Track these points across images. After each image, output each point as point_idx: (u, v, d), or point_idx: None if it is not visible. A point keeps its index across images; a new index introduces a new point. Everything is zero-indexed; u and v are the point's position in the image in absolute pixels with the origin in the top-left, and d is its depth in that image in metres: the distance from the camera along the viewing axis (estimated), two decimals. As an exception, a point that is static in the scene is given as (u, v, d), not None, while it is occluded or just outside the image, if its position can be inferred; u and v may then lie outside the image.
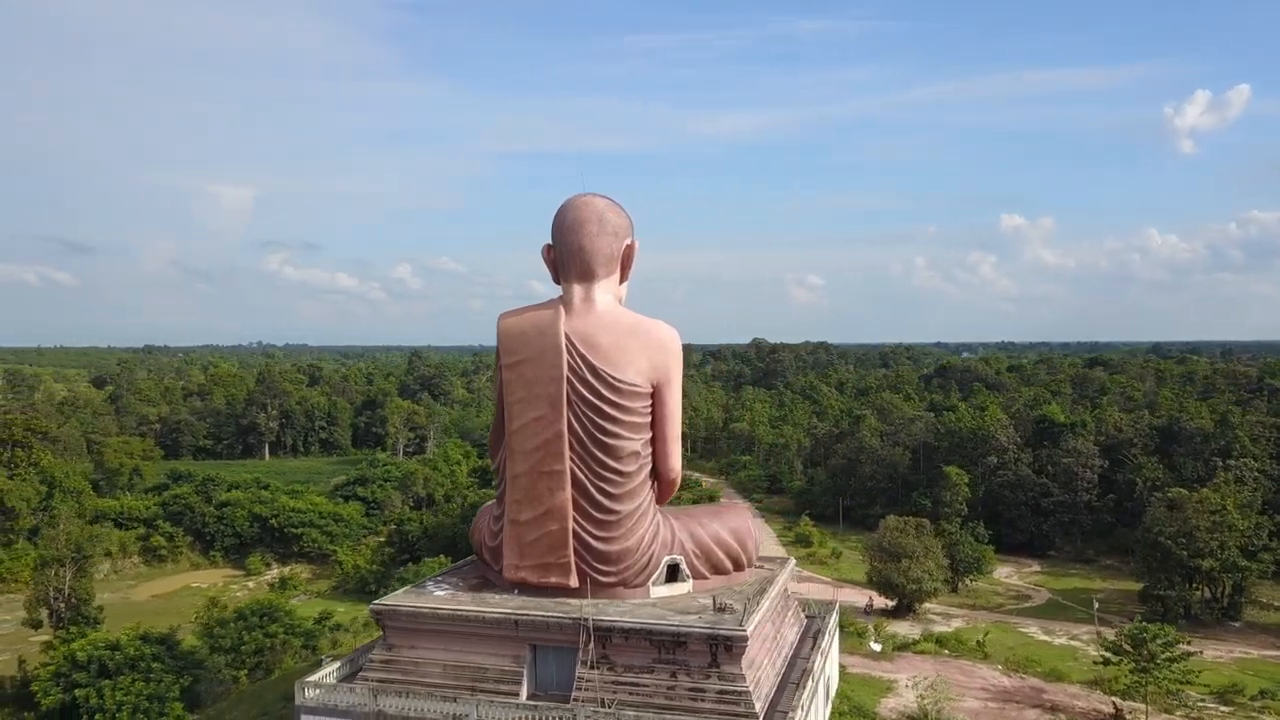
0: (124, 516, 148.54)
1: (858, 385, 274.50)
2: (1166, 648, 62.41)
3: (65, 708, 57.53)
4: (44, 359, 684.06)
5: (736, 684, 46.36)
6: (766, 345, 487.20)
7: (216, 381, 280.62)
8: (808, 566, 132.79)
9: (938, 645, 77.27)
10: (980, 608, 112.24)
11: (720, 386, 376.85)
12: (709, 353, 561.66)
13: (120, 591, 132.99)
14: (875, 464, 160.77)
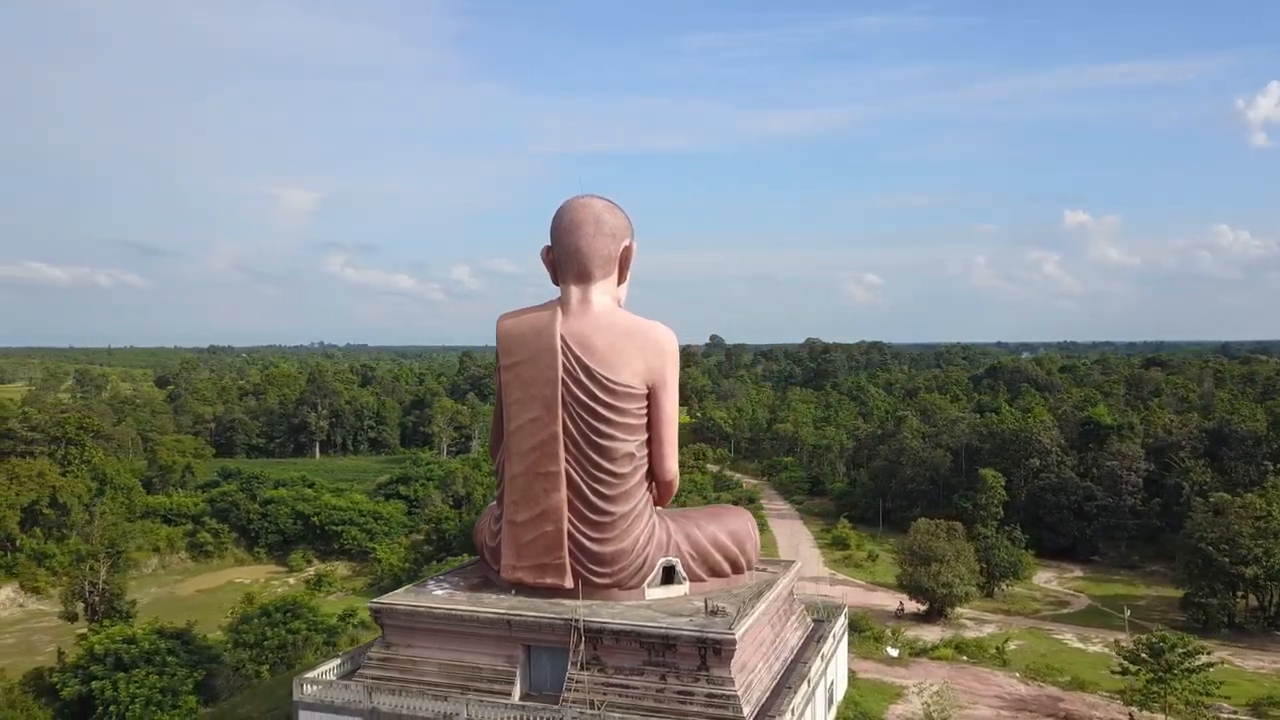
0: (173, 513, 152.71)
1: (906, 386, 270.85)
2: (1186, 657, 60.56)
3: (82, 699, 59.41)
4: (114, 359, 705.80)
5: (725, 687, 46.11)
6: (819, 345, 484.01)
7: (271, 381, 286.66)
8: (842, 569, 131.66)
9: (956, 651, 75.93)
10: (1015, 613, 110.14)
11: (770, 387, 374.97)
12: (760, 353, 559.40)
13: (167, 586, 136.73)
14: (916, 466, 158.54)
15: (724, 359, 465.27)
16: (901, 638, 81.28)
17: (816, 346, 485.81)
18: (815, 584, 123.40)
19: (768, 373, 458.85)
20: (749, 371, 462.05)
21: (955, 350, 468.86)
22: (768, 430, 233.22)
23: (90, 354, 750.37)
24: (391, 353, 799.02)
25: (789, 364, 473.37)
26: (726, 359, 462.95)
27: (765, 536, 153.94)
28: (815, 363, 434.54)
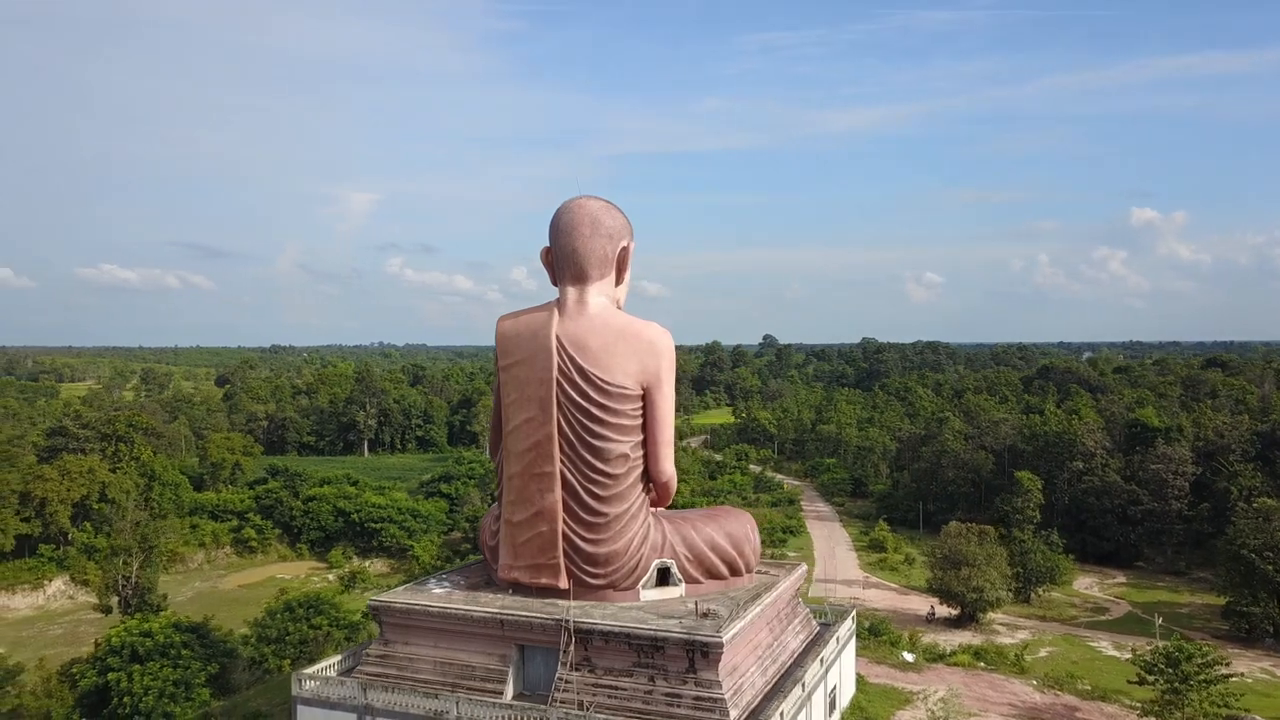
0: (219, 509, 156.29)
1: (956, 387, 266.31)
2: (1204, 668, 58.63)
3: (99, 689, 61.13)
4: (179, 358, 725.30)
5: (713, 690, 45.81)
6: (874, 345, 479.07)
7: (323, 381, 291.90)
8: (877, 573, 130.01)
9: (974, 658, 74.42)
10: (1051, 619, 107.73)
11: (822, 387, 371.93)
12: (812, 353, 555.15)
13: (210, 580, 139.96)
14: (957, 468, 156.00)
15: (774, 359, 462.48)
16: (919, 643, 79.95)
17: (870, 347, 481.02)
18: (848, 587, 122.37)
19: (819, 373, 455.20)
20: (800, 372, 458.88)
21: (1012, 350, 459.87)
22: (812, 431, 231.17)
23: (157, 353, 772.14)
24: (449, 352, 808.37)
25: (841, 364, 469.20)
26: (777, 359, 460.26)
27: (801, 538, 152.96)
28: (868, 363, 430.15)
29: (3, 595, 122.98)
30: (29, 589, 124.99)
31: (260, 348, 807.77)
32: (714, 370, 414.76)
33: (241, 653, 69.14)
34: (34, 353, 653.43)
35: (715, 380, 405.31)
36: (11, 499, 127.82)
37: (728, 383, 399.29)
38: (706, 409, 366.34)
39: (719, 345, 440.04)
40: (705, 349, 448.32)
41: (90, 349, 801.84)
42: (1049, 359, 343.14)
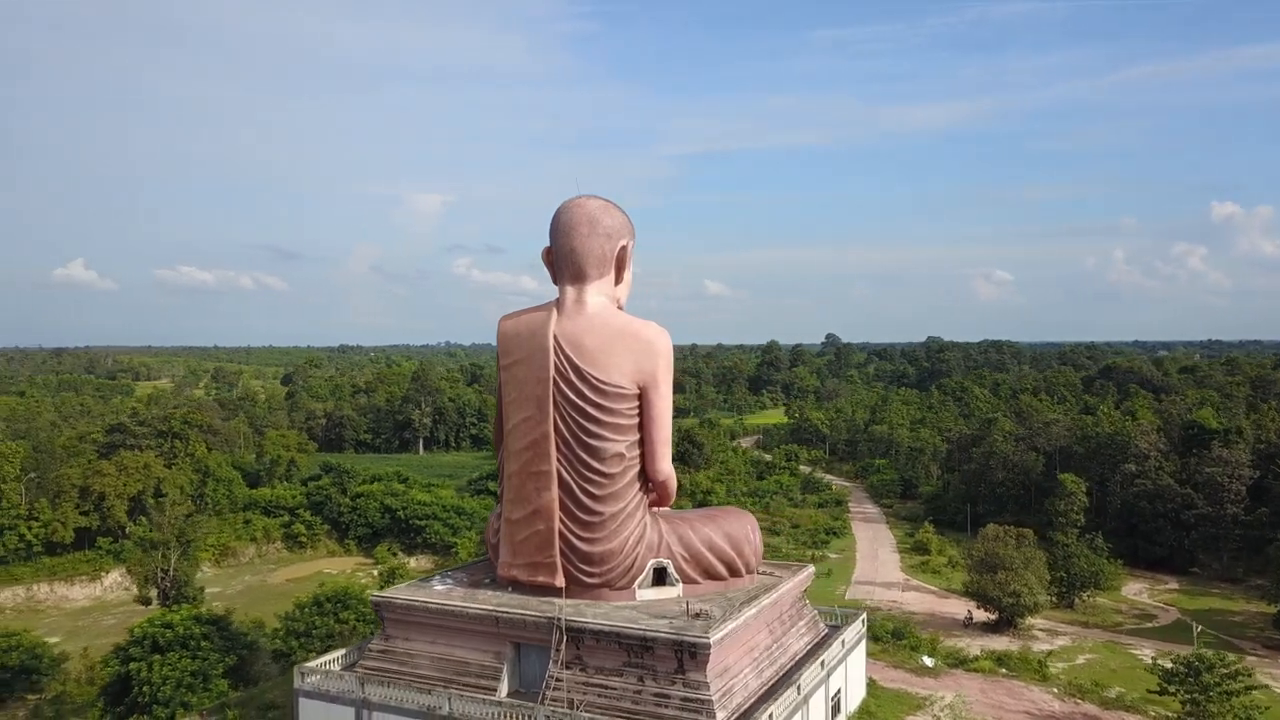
0: (272, 505, 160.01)
1: (1014, 386, 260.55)
2: (1226, 679, 56.45)
3: (122, 679, 63.14)
4: (251, 358, 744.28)
5: (701, 691, 45.59)
6: (937, 345, 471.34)
7: (381, 380, 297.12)
8: (918, 575, 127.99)
9: (996, 664, 72.69)
10: (1094, 626, 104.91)
11: (882, 387, 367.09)
12: (874, 352, 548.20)
13: (260, 574, 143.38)
14: (1007, 469, 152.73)
15: (834, 358, 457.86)
16: (939, 647, 78.42)
17: (934, 346, 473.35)
18: (887, 589, 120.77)
19: (880, 372, 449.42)
20: (860, 371, 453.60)
21: (1080, 350, 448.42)
22: (865, 432, 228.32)
23: (230, 353, 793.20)
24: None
25: (903, 364, 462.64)
26: (836, 358, 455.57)
27: (845, 540, 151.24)
28: (929, 362, 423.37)
29: (62, 586, 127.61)
30: (87, 580, 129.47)
31: (329, 347, 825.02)
32: (771, 370, 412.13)
33: (264, 645, 70.76)
34: (114, 352, 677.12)
35: (772, 380, 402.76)
36: (72, 493, 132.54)
37: (785, 382, 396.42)
38: (763, 409, 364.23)
39: (776, 345, 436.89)
40: (763, 349, 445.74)
41: (167, 348, 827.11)
42: (1120, 358, 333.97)
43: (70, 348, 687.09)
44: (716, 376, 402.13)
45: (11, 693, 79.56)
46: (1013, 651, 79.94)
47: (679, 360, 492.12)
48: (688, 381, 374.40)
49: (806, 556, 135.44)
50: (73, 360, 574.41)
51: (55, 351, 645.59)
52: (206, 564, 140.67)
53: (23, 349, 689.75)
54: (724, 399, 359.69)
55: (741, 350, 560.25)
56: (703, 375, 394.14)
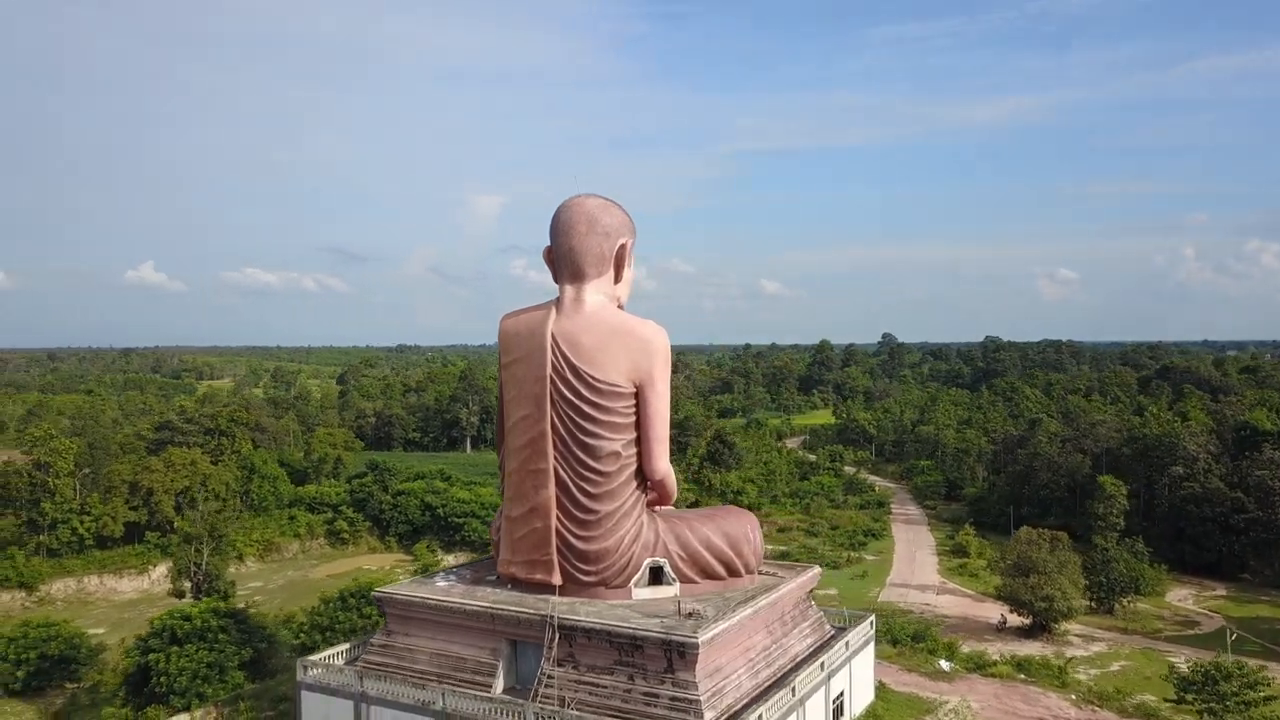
0: (316, 501, 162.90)
1: (1067, 387, 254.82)
2: (1245, 688, 54.56)
3: (141, 669, 64.86)
4: (311, 358, 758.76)
5: (689, 691, 45.45)
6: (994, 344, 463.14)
7: (431, 379, 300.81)
8: (955, 578, 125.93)
9: (1015, 669, 71.17)
10: (1133, 632, 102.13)
11: (936, 387, 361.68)
12: (929, 352, 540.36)
13: (302, 570, 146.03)
14: (1052, 471, 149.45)
15: (887, 358, 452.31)
16: (961, 651, 76.95)
17: (991, 346, 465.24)
18: (921, 592, 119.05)
19: (934, 372, 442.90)
20: (914, 371, 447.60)
21: (1142, 350, 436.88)
22: (911, 432, 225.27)
23: (292, 353, 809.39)
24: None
25: (959, 363, 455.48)
26: (890, 358, 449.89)
27: (884, 542, 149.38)
28: (985, 363, 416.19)
29: (111, 578, 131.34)
30: (135, 573, 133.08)
31: (387, 348, 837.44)
32: (822, 370, 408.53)
33: (287, 639, 72.11)
34: (181, 352, 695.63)
35: (823, 380, 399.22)
36: (122, 489, 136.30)
37: (837, 382, 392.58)
38: (813, 409, 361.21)
39: (828, 344, 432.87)
40: (814, 348, 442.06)
41: (231, 349, 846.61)
42: (1187, 358, 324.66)
43: (138, 348, 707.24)
44: (766, 376, 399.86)
45: (50, 681, 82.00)
46: (1034, 657, 78.17)
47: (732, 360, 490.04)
48: (736, 381, 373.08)
49: (843, 558, 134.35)
50: (140, 360, 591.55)
51: (124, 351, 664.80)
52: (251, 559, 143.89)
53: (95, 349, 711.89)
54: (772, 399, 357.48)
55: (796, 350, 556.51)
56: (752, 375, 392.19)
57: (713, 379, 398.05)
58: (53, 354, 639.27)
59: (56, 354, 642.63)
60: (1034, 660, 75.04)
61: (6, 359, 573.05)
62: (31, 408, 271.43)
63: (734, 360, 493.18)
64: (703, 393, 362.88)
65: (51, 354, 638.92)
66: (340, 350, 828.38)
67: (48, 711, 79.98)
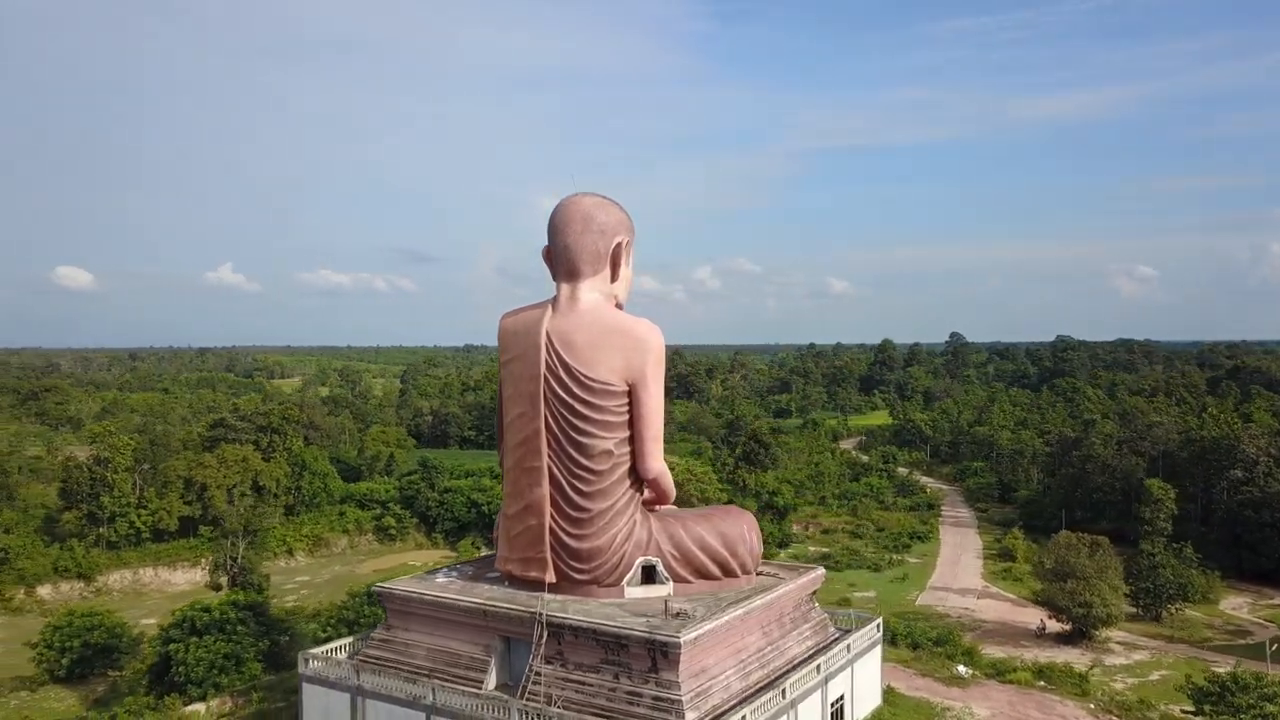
0: (366, 498, 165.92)
1: (1132, 387, 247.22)
2: (1264, 700, 52.30)
3: (163, 659, 66.87)
4: (380, 357, 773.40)
5: (671, 691, 45.36)
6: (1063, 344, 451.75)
7: (489, 378, 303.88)
8: (998, 582, 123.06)
9: (1036, 675, 69.21)
10: (1179, 641, 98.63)
11: (1002, 387, 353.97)
12: (996, 351, 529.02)
13: (349, 565, 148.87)
14: (1106, 474, 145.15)
15: (951, 358, 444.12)
16: (978, 657, 75.09)
17: (1060, 345, 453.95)
18: (962, 596, 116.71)
19: (1000, 372, 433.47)
20: (979, 371, 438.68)
21: (1220, 349, 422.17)
22: (967, 433, 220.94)
23: (361, 352, 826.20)
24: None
25: (1025, 363, 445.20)
26: (953, 357, 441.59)
27: (929, 544, 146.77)
28: (1052, 362, 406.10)
29: (165, 570, 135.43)
30: (188, 566, 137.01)
31: (454, 347, 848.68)
32: (884, 370, 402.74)
33: (309, 632, 73.64)
34: (255, 351, 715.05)
35: (885, 380, 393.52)
36: (177, 484, 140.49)
37: (899, 382, 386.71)
38: (874, 409, 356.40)
39: (890, 344, 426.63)
40: (876, 348, 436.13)
41: (304, 348, 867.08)
42: (1253, 358, 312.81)
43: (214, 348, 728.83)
44: (826, 377, 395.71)
45: (93, 669, 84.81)
46: (1057, 664, 75.96)
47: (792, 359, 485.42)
48: (795, 381, 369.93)
49: (885, 560, 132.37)
50: (215, 359, 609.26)
51: (200, 351, 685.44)
52: (301, 553, 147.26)
53: (174, 349, 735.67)
54: (829, 399, 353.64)
55: (862, 349, 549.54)
56: (811, 375, 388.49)
57: (770, 379, 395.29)
58: (134, 354, 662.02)
59: (138, 354, 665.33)
60: (1056, 667, 72.94)
61: (90, 358, 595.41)
62: (106, 405, 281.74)
63: (796, 360, 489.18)
64: (760, 393, 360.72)
65: (133, 354, 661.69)
66: (408, 350, 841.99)
67: (89, 698, 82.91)
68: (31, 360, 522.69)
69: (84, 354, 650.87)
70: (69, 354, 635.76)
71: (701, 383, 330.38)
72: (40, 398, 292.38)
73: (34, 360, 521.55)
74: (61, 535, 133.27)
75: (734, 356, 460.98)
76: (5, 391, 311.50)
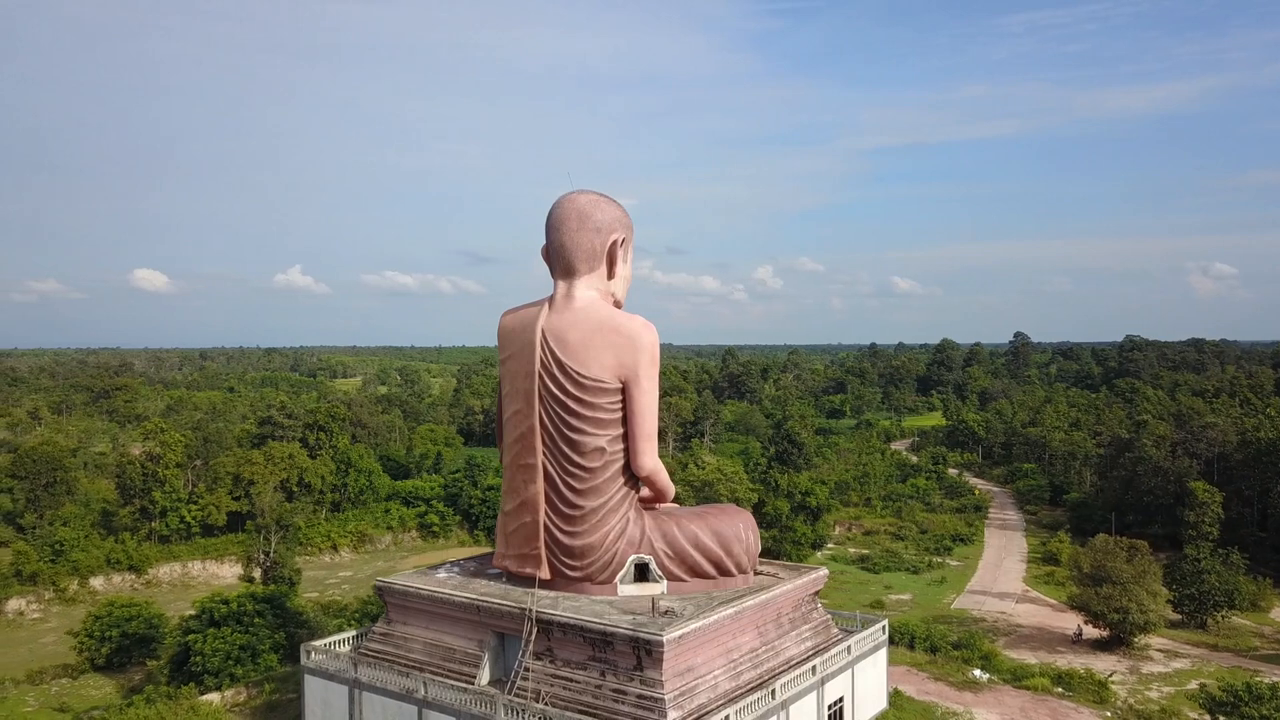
0: (411, 496, 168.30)
1: (1194, 388, 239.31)
2: (1277, 712, 50.21)
3: (183, 649, 68.71)
4: (442, 357, 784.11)
5: (654, 689, 45.24)
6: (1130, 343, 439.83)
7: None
8: (1039, 587, 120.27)
9: (1053, 682, 67.35)
10: (1223, 649, 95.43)
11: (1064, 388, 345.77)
12: (1060, 351, 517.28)
13: (391, 561, 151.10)
14: (1157, 476, 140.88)
15: (1012, 358, 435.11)
16: (996, 661, 73.32)
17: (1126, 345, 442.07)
18: (1000, 600, 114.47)
19: (1063, 372, 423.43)
20: (1041, 372, 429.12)
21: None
22: (1019, 434, 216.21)
23: (424, 352, 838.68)
24: (688, 351, 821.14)
25: (1090, 364, 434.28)
26: (1014, 357, 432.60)
27: (973, 547, 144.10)
28: (1117, 363, 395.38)
29: (213, 564, 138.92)
30: (235, 560, 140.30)
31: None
32: (942, 370, 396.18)
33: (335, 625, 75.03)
34: (320, 352, 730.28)
35: (943, 380, 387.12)
36: (226, 480, 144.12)
37: (957, 383, 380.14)
38: (931, 410, 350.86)
39: (950, 343, 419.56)
40: (935, 347, 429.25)
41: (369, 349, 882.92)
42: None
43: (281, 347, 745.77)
44: (883, 377, 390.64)
45: (130, 658, 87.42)
46: (1077, 670, 73.88)
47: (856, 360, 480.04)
48: (850, 382, 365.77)
49: (924, 563, 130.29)
50: (281, 359, 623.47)
51: (267, 351, 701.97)
52: (345, 549, 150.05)
53: (244, 348, 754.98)
54: (884, 400, 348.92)
55: (923, 350, 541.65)
56: (867, 376, 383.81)
57: (826, 380, 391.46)
58: (205, 353, 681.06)
59: (208, 354, 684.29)
60: (1076, 674, 70.99)
61: (163, 358, 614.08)
62: (170, 403, 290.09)
63: (853, 360, 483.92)
64: (814, 393, 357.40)
65: (204, 353, 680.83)
66: (470, 350, 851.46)
67: (125, 686, 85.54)
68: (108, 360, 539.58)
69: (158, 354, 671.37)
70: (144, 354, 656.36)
71: (754, 383, 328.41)
72: (111, 396, 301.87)
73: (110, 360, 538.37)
74: (117, 529, 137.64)
75: (789, 356, 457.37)
76: (79, 390, 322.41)
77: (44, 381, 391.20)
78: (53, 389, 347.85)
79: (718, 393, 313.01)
